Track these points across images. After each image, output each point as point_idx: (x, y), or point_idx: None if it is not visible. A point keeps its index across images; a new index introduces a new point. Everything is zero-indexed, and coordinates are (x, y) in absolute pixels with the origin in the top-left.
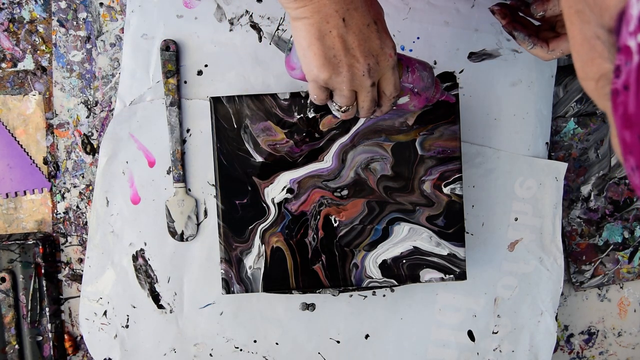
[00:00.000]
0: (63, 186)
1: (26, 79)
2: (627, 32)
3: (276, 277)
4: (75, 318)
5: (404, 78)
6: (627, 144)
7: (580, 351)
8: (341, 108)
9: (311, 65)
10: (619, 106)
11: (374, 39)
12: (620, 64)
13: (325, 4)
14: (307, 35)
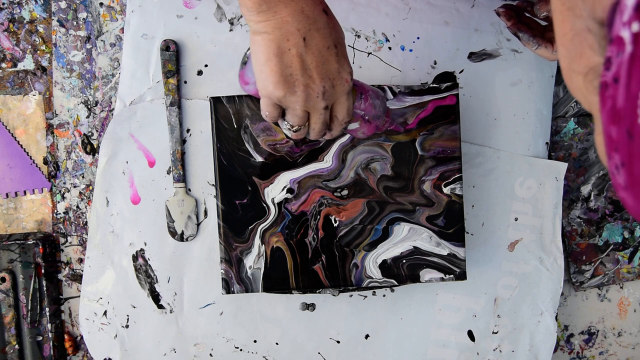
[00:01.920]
0: (63, 186)
1: (26, 79)
2: (621, 22)
3: (276, 277)
4: (75, 318)
5: (357, 104)
6: (613, 140)
7: (580, 351)
8: (292, 127)
9: (267, 82)
10: (607, 100)
11: (333, 62)
12: (611, 56)
13: (288, 22)
14: (266, 50)
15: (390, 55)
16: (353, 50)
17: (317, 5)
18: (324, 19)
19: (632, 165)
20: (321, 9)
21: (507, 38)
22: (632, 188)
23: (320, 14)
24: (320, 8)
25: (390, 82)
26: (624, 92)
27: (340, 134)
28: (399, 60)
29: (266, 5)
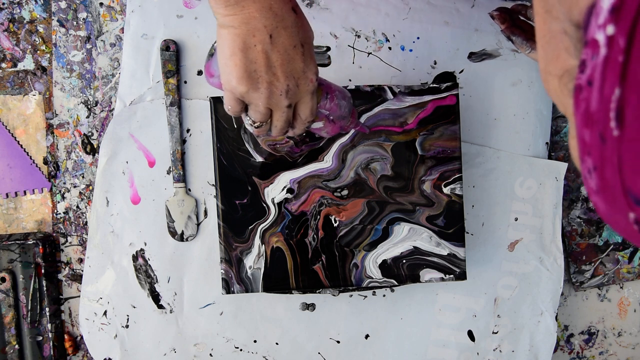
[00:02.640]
0: (63, 186)
1: (26, 79)
2: (596, 24)
3: (276, 277)
4: (75, 318)
5: (322, 104)
6: (586, 144)
7: (580, 351)
8: (254, 123)
9: (230, 76)
10: (581, 103)
11: (298, 61)
12: (586, 59)
13: (255, 17)
14: (231, 44)
15: (390, 55)
16: (353, 50)
17: (286, 3)
18: (292, 17)
19: (604, 169)
20: (290, 7)
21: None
22: (603, 192)
23: (288, 12)
24: (289, 6)
25: (390, 82)
26: (598, 95)
27: (302, 132)
28: (399, 60)
29: (234, 0)
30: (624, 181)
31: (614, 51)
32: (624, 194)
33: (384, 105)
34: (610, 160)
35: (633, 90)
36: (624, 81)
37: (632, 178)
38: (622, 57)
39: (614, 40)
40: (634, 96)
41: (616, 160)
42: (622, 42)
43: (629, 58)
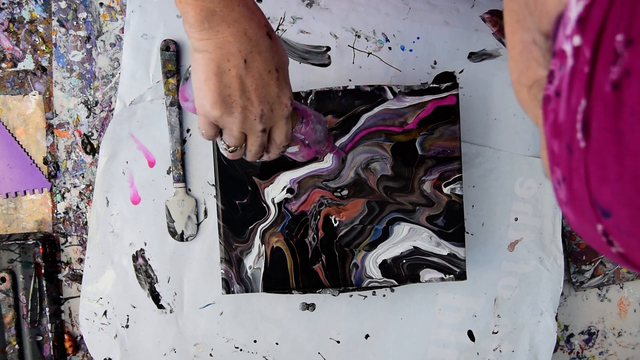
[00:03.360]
0: (63, 186)
1: (26, 79)
2: (564, 35)
3: (276, 277)
4: (75, 318)
5: (297, 128)
6: (555, 155)
7: (580, 351)
8: (229, 148)
9: (204, 100)
10: (549, 114)
11: (273, 86)
12: (554, 69)
13: (230, 42)
14: (206, 69)
15: (390, 55)
16: (353, 50)
17: (261, 28)
18: (267, 42)
19: (572, 180)
20: (265, 32)
21: None
22: (571, 203)
23: (263, 37)
24: (264, 31)
25: (390, 82)
26: (565, 106)
27: (277, 156)
28: (399, 60)
29: (209, 24)
30: (591, 193)
31: (580, 62)
32: (592, 206)
33: (384, 105)
34: (577, 172)
35: (598, 102)
36: (589, 92)
37: (599, 190)
38: (588, 68)
39: (580, 51)
40: (599, 107)
41: (583, 171)
42: (588, 53)
43: (595, 69)
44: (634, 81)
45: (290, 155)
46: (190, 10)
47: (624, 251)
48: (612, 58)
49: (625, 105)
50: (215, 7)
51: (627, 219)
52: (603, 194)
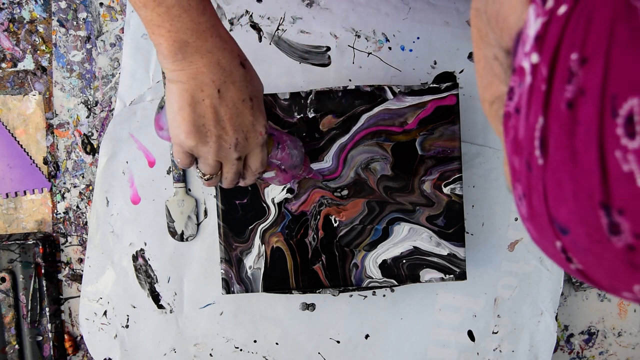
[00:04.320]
0: (63, 186)
1: (26, 79)
2: (523, 52)
3: (276, 277)
4: (75, 318)
5: (273, 154)
6: (516, 171)
7: (580, 351)
8: (204, 176)
9: (179, 130)
10: (510, 130)
11: (247, 115)
12: (514, 86)
13: (203, 72)
14: (180, 99)
15: (390, 55)
16: (353, 50)
17: (235, 58)
18: (241, 72)
19: (532, 197)
20: (238, 62)
21: None
22: (532, 219)
23: (237, 66)
24: (238, 61)
25: (390, 82)
26: (524, 123)
27: (254, 182)
28: (399, 60)
29: (182, 55)
30: (549, 210)
31: (538, 80)
32: (550, 223)
33: (384, 105)
34: (536, 189)
35: (555, 120)
36: (547, 110)
37: (556, 207)
38: (545, 86)
39: (537, 68)
40: (556, 126)
41: (541, 189)
42: (545, 71)
43: (551, 87)
44: (588, 100)
45: (267, 180)
46: (164, 41)
47: (583, 268)
48: (567, 76)
49: (579, 124)
50: (188, 38)
51: (583, 236)
52: (560, 212)
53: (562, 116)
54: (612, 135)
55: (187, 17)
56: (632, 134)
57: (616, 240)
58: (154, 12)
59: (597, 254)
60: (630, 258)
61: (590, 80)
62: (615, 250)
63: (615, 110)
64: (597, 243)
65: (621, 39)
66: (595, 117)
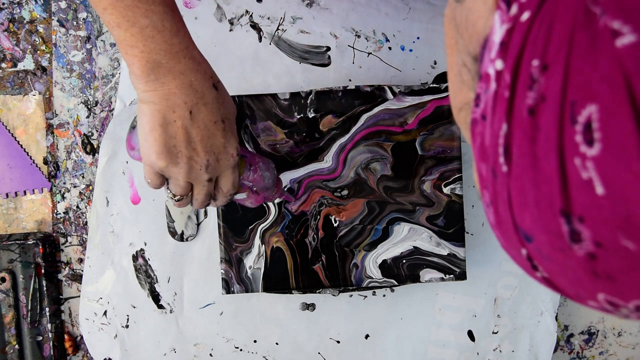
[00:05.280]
0: (63, 186)
1: (26, 79)
2: (489, 58)
3: (276, 277)
4: (75, 318)
5: (245, 175)
6: (483, 178)
7: (580, 351)
8: (175, 197)
9: (150, 150)
10: (476, 137)
11: (219, 137)
12: (480, 92)
13: (175, 93)
14: (151, 120)
15: (390, 55)
16: (353, 50)
17: (207, 80)
18: (213, 93)
19: (497, 204)
20: (211, 84)
21: None
22: (499, 227)
23: (209, 88)
24: (210, 83)
25: (390, 82)
26: (490, 130)
27: (225, 203)
28: (399, 60)
29: (154, 75)
30: (514, 217)
31: (502, 86)
32: (515, 231)
33: (384, 105)
34: (501, 196)
35: (518, 127)
36: (510, 117)
37: (520, 215)
38: (508, 93)
39: (501, 75)
40: (519, 132)
41: (506, 196)
42: (508, 77)
43: (514, 94)
44: (548, 107)
45: (239, 202)
46: (137, 61)
47: (548, 276)
48: (529, 83)
49: (540, 130)
50: (161, 59)
51: (546, 244)
52: (524, 219)
53: (524, 123)
54: (572, 143)
55: (161, 38)
56: (590, 141)
57: (577, 248)
58: (128, 32)
59: (560, 262)
60: (592, 266)
61: (551, 87)
62: (577, 258)
63: (575, 117)
64: (559, 251)
65: (580, 45)
66: (555, 123)
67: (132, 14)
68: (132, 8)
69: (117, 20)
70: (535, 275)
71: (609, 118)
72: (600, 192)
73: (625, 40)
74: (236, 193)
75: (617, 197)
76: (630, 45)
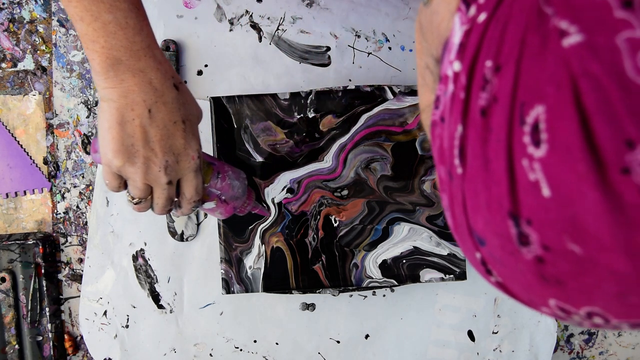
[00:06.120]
0: (63, 186)
1: (26, 79)
2: (448, 60)
3: (276, 277)
4: (75, 318)
5: (212, 183)
6: (442, 181)
7: (580, 351)
8: (133, 199)
9: (107, 149)
10: (436, 139)
11: (179, 138)
12: (440, 95)
13: (134, 91)
14: (109, 117)
15: (390, 55)
16: (353, 50)
17: (167, 80)
18: (174, 93)
19: (454, 207)
20: (171, 84)
21: None
22: (456, 230)
23: (169, 88)
24: (171, 82)
25: (390, 82)
26: (447, 132)
27: (191, 212)
28: (399, 60)
29: (114, 72)
30: (468, 221)
31: (458, 88)
32: (469, 234)
33: (384, 105)
34: (457, 199)
35: (472, 129)
36: (465, 119)
37: (474, 218)
38: (464, 94)
39: (458, 76)
40: (473, 134)
41: (461, 198)
42: (464, 79)
43: (470, 95)
44: (500, 108)
45: (208, 212)
46: (97, 57)
47: (502, 281)
48: (482, 84)
49: (492, 131)
50: (121, 56)
51: (498, 248)
52: (477, 222)
53: (476, 124)
54: (520, 144)
55: (123, 34)
56: (537, 142)
57: (526, 251)
58: (90, 26)
59: (511, 266)
60: (540, 270)
61: (503, 88)
62: (527, 262)
63: (523, 118)
64: (510, 255)
65: (532, 45)
66: (505, 124)
67: (96, 8)
68: (97, 3)
69: (81, 13)
70: (490, 279)
71: (555, 119)
72: (547, 194)
73: (571, 40)
74: (203, 202)
75: (562, 199)
76: (577, 45)
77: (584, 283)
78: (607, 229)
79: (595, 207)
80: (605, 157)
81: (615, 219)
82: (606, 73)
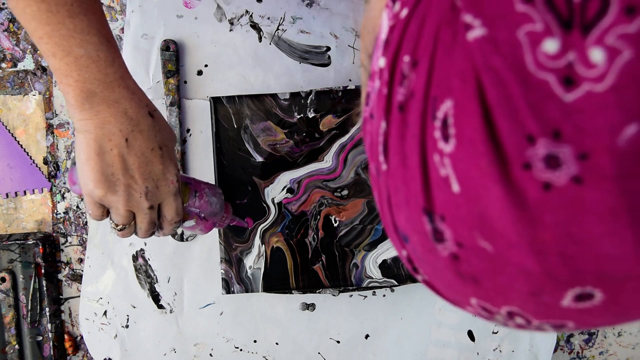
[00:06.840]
0: (63, 186)
1: (26, 79)
2: (376, 56)
3: (276, 277)
4: (75, 318)
5: (191, 202)
6: (372, 177)
7: (580, 351)
8: (117, 226)
9: (87, 180)
10: (367, 136)
11: (157, 164)
12: (370, 91)
13: (110, 122)
14: (87, 149)
15: None
16: (353, 50)
17: (142, 108)
18: (149, 121)
19: (382, 204)
20: (146, 112)
21: None
22: (387, 229)
23: (144, 116)
24: (145, 111)
25: None
26: (375, 128)
27: (172, 232)
28: None
29: (89, 104)
30: (393, 217)
31: (382, 84)
32: (395, 231)
33: None
34: (383, 195)
35: (394, 124)
36: (388, 114)
37: (397, 214)
38: (386, 90)
39: (382, 72)
40: (395, 130)
41: (386, 195)
42: (387, 74)
43: (391, 91)
44: (415, 103)
45: (189, 230)
46: (71, 91)
47: (428, 279)
48: (400, 79)
49: (408, 127)
50: (95, 88)
51: (419, 245)
52: (400, 219)
53: (396, 120)
54: (432, 139)
55: (95, 67)
56: (447, 137)
57: (442, 248)
58: (63, 61)
59: (431, 263)
60: (456, 268)
61: (418, 83)
62: (443, 259)
63: (435, 112)
64: (429, 252)
65: (444, 40)
66: (419, 120)
67: (67, 43)
68: (68, 38)
69: (53, 49)
70: (418, 278)
71: (461, 113)
72: (456, 190)
73: (475, 33)
74: (183, 221)
75: (470, 195)
76: (480, 39)
77: (498, 281)
78: (512, 226)
79: (499, 203)
80: (507, 153)
81: (519, 215)
82: (507, 67)
